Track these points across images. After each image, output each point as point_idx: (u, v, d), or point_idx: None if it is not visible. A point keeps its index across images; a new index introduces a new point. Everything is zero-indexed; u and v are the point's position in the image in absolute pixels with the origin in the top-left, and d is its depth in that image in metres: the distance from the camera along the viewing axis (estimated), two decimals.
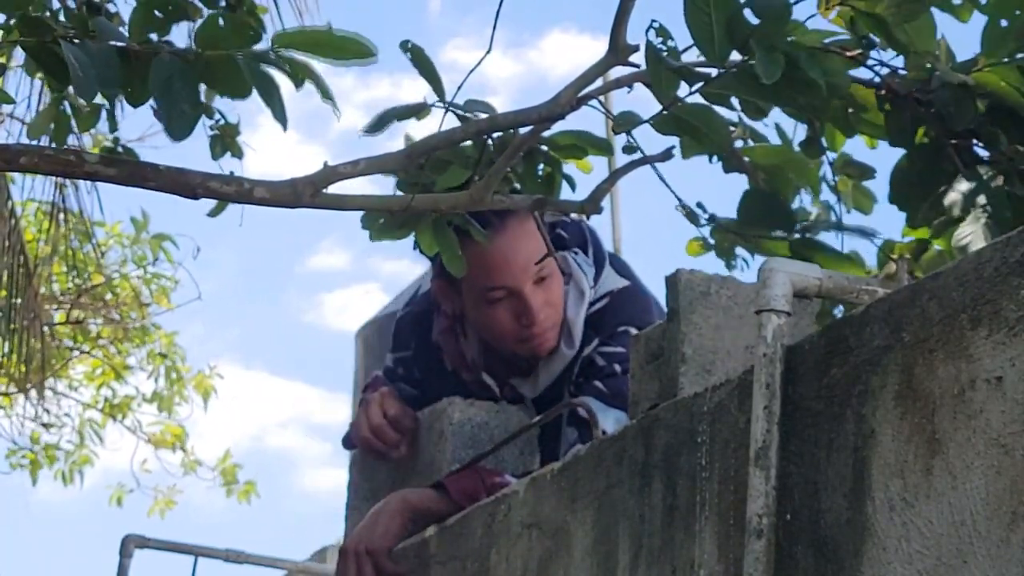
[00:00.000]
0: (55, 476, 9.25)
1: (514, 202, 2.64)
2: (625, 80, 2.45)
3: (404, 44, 2.49)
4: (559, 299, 3.32)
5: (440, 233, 2.61)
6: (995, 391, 1.86)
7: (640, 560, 2.45)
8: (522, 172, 2.63)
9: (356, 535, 3.25)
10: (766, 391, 2.18)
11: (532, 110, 2.39)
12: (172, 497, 9.41)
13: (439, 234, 2.61)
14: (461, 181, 2.58)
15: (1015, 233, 1.90)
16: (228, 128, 4.17)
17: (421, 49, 2.50)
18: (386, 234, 2.62)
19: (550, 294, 3.29)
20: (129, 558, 4.49)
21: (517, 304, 3.27)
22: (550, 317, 3.29)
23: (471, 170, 2.56)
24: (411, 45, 2.49)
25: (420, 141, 2.44)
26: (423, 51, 2.50)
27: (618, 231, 7.53)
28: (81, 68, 2.12)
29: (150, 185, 2.31)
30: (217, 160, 4.21)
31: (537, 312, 3.26)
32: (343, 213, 2.57)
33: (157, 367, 9.17)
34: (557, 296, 3.31)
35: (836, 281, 2.28)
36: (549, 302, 3.29)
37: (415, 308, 3.57)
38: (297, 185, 2.35)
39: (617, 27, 2.33)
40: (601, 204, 2.55)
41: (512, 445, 3.24)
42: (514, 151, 2.50)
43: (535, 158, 2.63)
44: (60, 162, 2.31)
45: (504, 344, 3.34)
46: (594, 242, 3.44)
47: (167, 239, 8.65)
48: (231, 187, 2.33)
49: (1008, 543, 1.82)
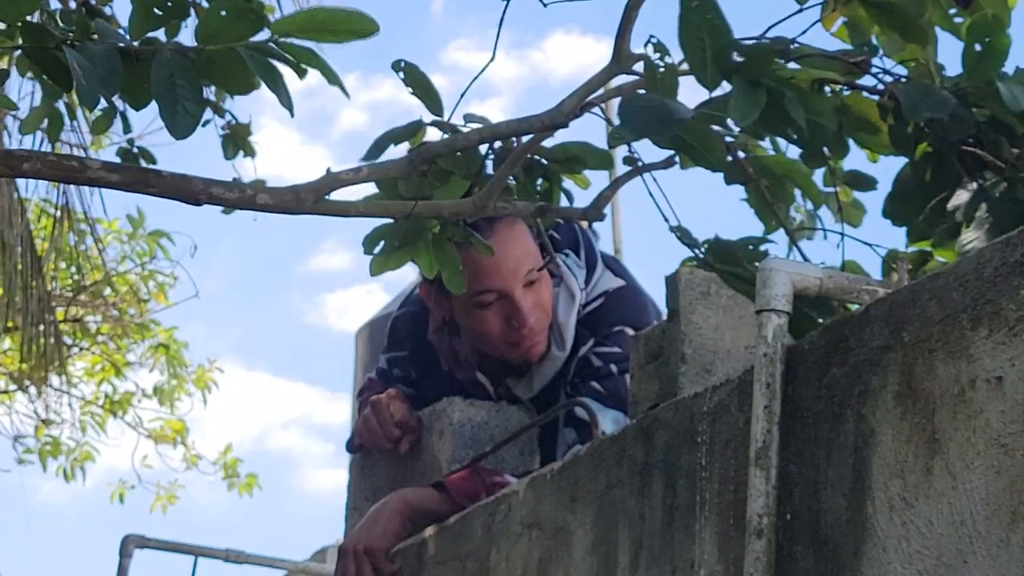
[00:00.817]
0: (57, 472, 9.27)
1: (517, 209, 2.63)
2: (628, 88, 2.45)
3: (396, 64, 2.50)
4: (549, 302, 3.32)
5: (440, 249, 2.61)
6: (995, 391, 1.86)
7: (640, 560, 2.45)
8: (522, 183, 2.64)
9: (355, 534, 3.25)
10: (766, 391, 2.17)
11: (535, 118, 2.39)
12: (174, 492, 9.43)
13: (439, 250, 2.61)
14: (462, 193, 2.58)
15: (1015, 233, 1.90)
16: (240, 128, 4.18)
17: (415, 67, 2.50)
18: (385, 265, 2.62)
19: (540, 297, 3.30)
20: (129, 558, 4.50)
21: (508, 307, 3.27)
22: (540, 320, 3.30)
23: (472, 180, 2.56)
24: (404, 64, 2.50)
25: (421, 148, 2.44)
26: (417, 68, 2.50)
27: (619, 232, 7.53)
28: (84, 73, 2.12)
29: (153, 191, 2.31)
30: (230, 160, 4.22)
31: (528, 314, 3.26)
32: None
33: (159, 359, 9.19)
34: (547, 299, 3.31)
35: (836, 281, 2.28)
36: (539, 305, 3.29)
37: (410, 308, 3.57)
38: (299, 192, 2.35)
39: (620, 36, 2.34)
40: (604, 212, 2.56)
41: (512, 445, 3.24)
42: (516, 159, 2.50)
43: (534, 172, 2.63)
44: (64, 168, 2.31)
45: (495, 349, 3.34)
46: (586, 243, 3.44)
47: (164, 236, 8.67)
48: (234, 193, 2.33)
49: (1008, 543, 1.82)
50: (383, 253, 2.61)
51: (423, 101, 2.51)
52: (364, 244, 2.62)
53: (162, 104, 2.19)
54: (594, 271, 3.41)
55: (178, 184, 2.30)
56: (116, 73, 2.19)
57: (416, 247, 2.60)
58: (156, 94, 2.19)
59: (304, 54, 2.23)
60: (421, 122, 2.52)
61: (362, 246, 2.62)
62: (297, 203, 2.34)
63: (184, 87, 2.20)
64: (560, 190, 2.66)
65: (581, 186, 2.70)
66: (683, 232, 2.59)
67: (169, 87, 2.20)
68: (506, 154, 2.53)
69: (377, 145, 2.52)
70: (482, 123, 2.53)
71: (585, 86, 2.36)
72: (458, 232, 2.63)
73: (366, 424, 3.40)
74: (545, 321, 3.31)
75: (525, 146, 2.49)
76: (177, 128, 2.19)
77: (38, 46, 2.23)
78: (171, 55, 2.21)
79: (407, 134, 2.52)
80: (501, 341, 3.31)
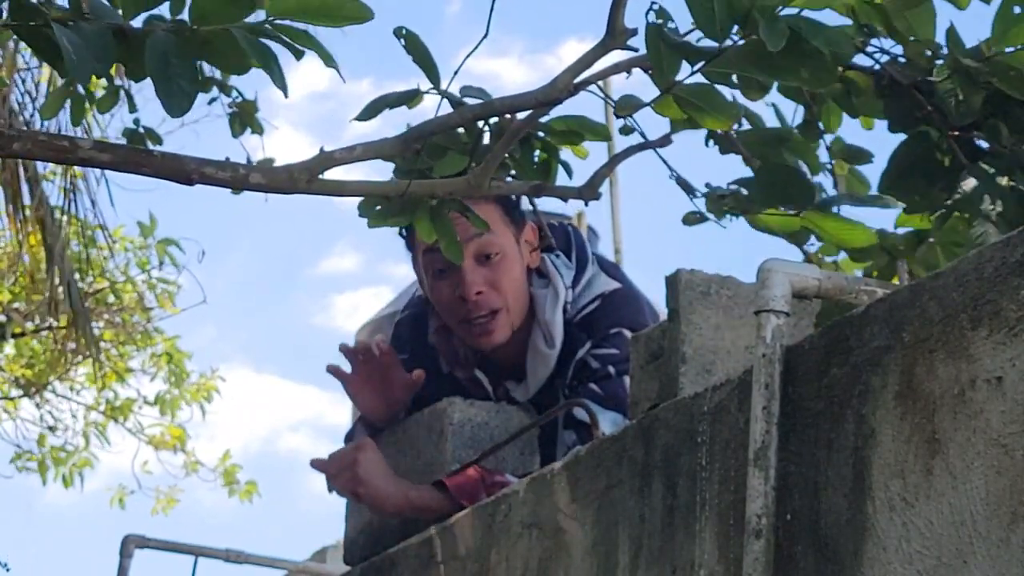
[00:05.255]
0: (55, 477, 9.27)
1: (512, 188, 2.63)
2: (623, 65, 2.43)
3: (398, 30, 2.48)
4: (511, 288, 3.32)
5: (439, 220, 2.60)
6: (995, 391, 1.86)
7: (640, 560, 2.45)
8: (519, 158, 2.62)
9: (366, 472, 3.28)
10: (765, 391, 2.17)
11: (529, 95, 2.37)
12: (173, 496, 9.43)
13: (438, 221, 2.59)
14: (459, 169, 2.56)
15: (1015, 233, 1.90)
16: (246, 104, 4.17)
17: (415, 35, 2.48)
18: (383, 220, 2.60)
19: (496, 276, 3.30)
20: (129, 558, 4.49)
21: (456, 276, 3.29)
22: (490, 298, 3.30)
23: (468, 156, 2.55)
24: (405, 31, 2.48)
25: (417, 126, 2.43)
26: (417, 37, 2.48)
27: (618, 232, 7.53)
28: (75, 51, 2.10)
29: (144, 171, 2.29)
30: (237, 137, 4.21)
31: (470, 285, 3.27)
32: (355, 217, 2.58)
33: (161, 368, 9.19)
34: (506, 283, 3.31)
35: (835, 281, 2.27)
36: (492, 283, 3.30)
37: (411, 311, 3.58)
38: (293, 171, 2.33)
39: (615, 10, 2.32)
40: (600, 191, 2.55)
41: (512, 445, 3.24)
42: (512, 136, 2.48)
43: (531, 144, 2.62)
44: (54, 148, 2.29)
45: (451, 324, 3.37)
46: (577, 244, 3.44)
47: (173, 243, 8.67)
48: (226, 173, 2.31)
49: (1008, 543, 1.82)
50: (380, 215, 2.60)
51: (422, 68, 2.50)
52: (359, 208, 2.60)
53: (157, 82, 2.17)
54: (584, 271, 3.41)
55: (170, 164, 2.29)
56: (108, 50, 2.16)
57: (414, 213, 2.59)
58: (150, 72, 2.17)
59: (299, 35, 2.22)
60: (418, 90, 2.51)
61: (357, 209, 2.61)
62: (291, 183, 2.33)
63: (178, 65, 2.18)
64: (558, 163, 2.65)
65: (580, 156, 2.68)
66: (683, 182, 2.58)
67: (163, 65, 2.17)
68: (501, 132, 2.52)
69: (373, 106, 2.50)
70: (479, 96, 2.52)
71: (579, 62, 2.34)
72: (454, 204, 2.63)
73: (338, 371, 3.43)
74: (498, 302, 3.31)
75: (520, 123, 2.48)
76: (172, 106, 2.17)
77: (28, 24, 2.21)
78: (165, 34, 2.19)
79: (403, 99, 2.51)
80: (452, 316, 3.34)
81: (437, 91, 2.50)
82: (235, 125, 4.15)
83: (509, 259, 3.31)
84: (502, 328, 3.33)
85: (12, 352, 8.64)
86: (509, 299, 3.32)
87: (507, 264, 3.31)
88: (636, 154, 2.53)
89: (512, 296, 3.32)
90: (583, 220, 5.52)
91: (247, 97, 4.11)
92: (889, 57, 2.50)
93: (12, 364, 8.65)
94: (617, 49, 2.36)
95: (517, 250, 3.35)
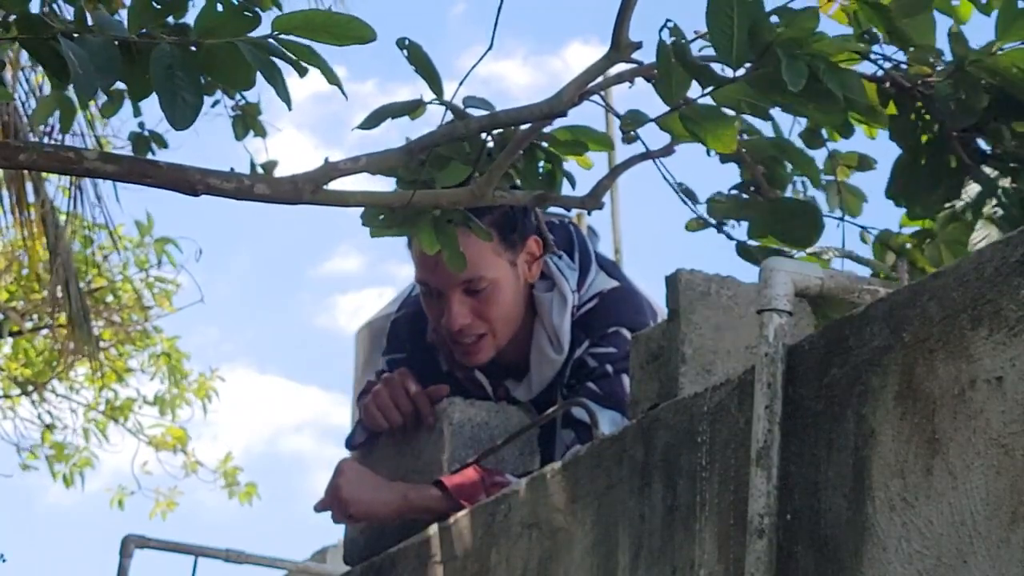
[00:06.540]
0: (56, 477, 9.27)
1: (515, 198, 2.63)
2: (627, 76, 2.44)
3: (401, 41, 2.49)
4: (498, 317, 3.32)
5: (442, 230, 2.60)
6: (995, 391, 1.86)
7: (640, 560, 2.45)
8: (523, 169, 2.63)
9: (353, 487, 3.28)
10: (768, 391, 2.17)
11: (534, 107, 2.38)
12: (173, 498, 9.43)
13: (440, 231, 2.60)
14: (462, 179, 2.57)
15: (1015, 233, 1.90)
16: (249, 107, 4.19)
17: (418, 46, 2.49)
18: (386, 230, 2.61)
19: (483, 308, 3.31)
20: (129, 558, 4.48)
21: (441, 304, 3.32)
22: (474, 327, 3.31)
23: (472, 167, 2.55)
24: (408, 43, 2.48)
25: (421, 137, 2.44)
26: (420, 48, 2.49)
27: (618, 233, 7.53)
28: (80, 64, 2.11)
29: (149, 181, 2.30)
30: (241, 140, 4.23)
31: (454, 318, 3.29)
32: (357, 218, 2.58)
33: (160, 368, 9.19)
34: (494, 314, 3.32)
35: (837, 281, 2.28)
36: (478, 314, 3.31)
37: (409, 310, 3.58)
38: (298, 182, 2.34)
39: (619, 24, 2.33)
40: (602, 200, 2.55)
41: (512, 445, 3.24)
42: (515, 147, 2.49)
43: (536, 155, 2.62)
44: (59, 159, 2.30)
45: (443, 340, 3.38)
46: (580, 245, 3.44)
47: (170, 242, 8.67)
48: (231, 183, 2.32)
49: (1008, 543, 1.82)
50: (383, 224, 2.61)
51: (425, 80, 2.50)
52: (362, 217, 2.61)
53: (162, 95, 2.18)
54: (588, 273, 3.41)
55: (175, 175, 2.29)
56: (114, 63, 2.17)
57: (417, 224, 2.60)
58: (155, 86, 2.18)
59: (303, 51, 2.23)
60: (421, 100, 2.52)
61: (360, 219, 2.61)
62: (295, 193, 2.34)
63: (183, 79, 2.19)
64: (562, 173, 2.65)
65: (584, 167, 2.69)
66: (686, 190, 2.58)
67: (168, 78, 2.19)
68: (505, 143, 2.53)
69: (376, 115, 2.51)
70: (483, 107, 2.52)
71: (584, 74, 2.36)
72: (457, 215, 2.63)
73: (376, 399, 3.37)
74: (483, 328, 3.32)
75: (523, 134, 2.49)
76: (177, 119, 2.18)
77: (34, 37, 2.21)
78: (170, 47, 2.20)
79: (406, 109, 2.51)
80: (440, 333, 3.36)
81: (440, 102, 2.50)
82: (238, 128, 4.18)
83: (499, 287, 3.32)
84: (486, 350, 3.35)
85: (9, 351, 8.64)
86: (496, 325, 3.33)
87: (496, 293, 3.31)
88: (639, 163, 2.53)
89: (500, 322, 3.33)
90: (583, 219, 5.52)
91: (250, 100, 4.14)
92: (892, 64, 2.50)
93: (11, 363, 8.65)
94: (622, 63, 2.37)
95: (512, 274, 3.34)
